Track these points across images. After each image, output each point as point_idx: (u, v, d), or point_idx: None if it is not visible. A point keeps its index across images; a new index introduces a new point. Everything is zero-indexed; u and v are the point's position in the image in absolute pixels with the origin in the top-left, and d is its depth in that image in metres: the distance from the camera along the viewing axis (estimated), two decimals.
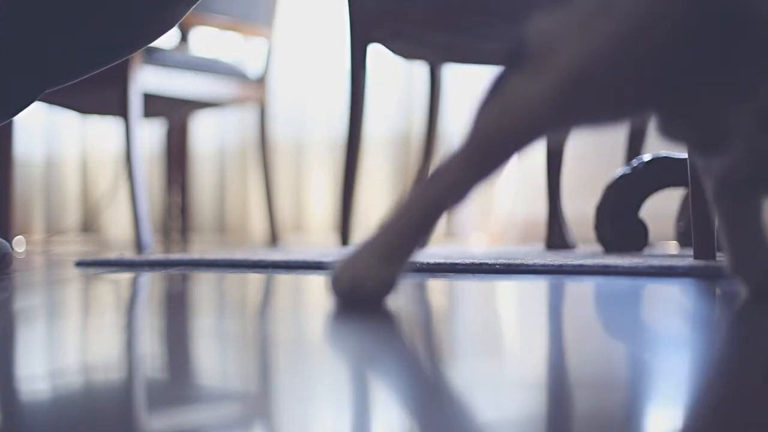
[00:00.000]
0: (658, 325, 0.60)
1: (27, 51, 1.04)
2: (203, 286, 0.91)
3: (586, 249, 1.61)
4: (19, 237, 2.97)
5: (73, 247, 2.60)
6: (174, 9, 1.07)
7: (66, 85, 1.11)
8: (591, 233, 1.50)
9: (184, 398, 0.37)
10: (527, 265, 0.98)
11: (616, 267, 0.94)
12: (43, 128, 3.49)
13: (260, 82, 2.59)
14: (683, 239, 1.61)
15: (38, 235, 3.45)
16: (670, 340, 0.52)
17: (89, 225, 3.42)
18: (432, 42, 1.96)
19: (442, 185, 0.66)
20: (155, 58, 2.24)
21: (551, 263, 0.97)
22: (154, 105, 2.45)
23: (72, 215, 3.47)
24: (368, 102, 1.97)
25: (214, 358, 0.48)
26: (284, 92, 3.04)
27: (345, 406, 0.35)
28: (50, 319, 0.65)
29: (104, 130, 3.36)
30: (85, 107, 2.56)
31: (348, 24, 1.94)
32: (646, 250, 1.44)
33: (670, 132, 0.66)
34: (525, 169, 2.64)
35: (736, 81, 0.62)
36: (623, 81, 0.62)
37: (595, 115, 0.64)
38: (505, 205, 2.71)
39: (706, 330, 0.56)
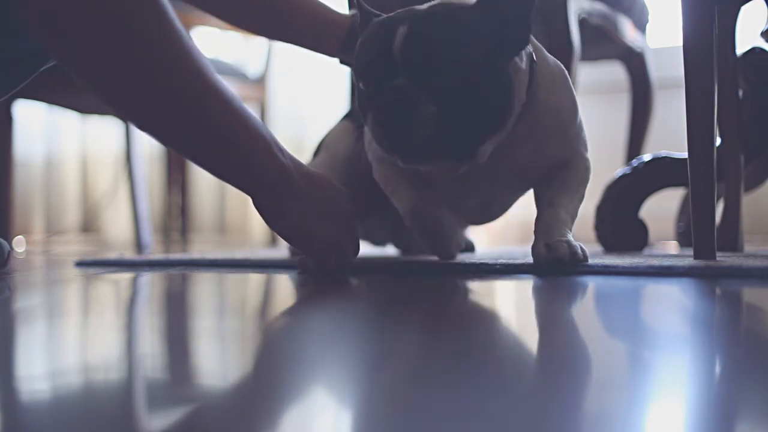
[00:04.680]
0: (657, 324, 0.60)
1: None
2: (203, 286, 0.91)
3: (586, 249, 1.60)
4: (19, 237, 2.96)
5: (73, 247, 2.60)
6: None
7: None
8: (591, 233, 1.50)
9: (184, 398, 0.37)
10: (527, 265, 0.98)
11: (616, 267, 0.94)
12: (43, 128, 3.48)
13: (260, 82, 2.59)
14: (683, 239, 1.61)
15: (38, 235, 3.45)
16: (670, 340, 0.52)
17: (89, 225, 3.42)
18: None
19: None
20: None
21: None
22: None
23: (72, 215, 3.47)
24: None
25: (214, 358, 0.48)
26: (284, 92, 3.04)
27: (344, 406, 0.35)
28: (50, 319, 0.65)
29: (104, 130, 3.36)
30: (85, 107, 2.55)
31: None
32: (646, 250, 1.43)
33: None
34: None
35: None
36: None
37: None
38: None
39: (706, 330, 0.56)
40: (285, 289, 0.88)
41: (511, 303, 0.76)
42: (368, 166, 1.06)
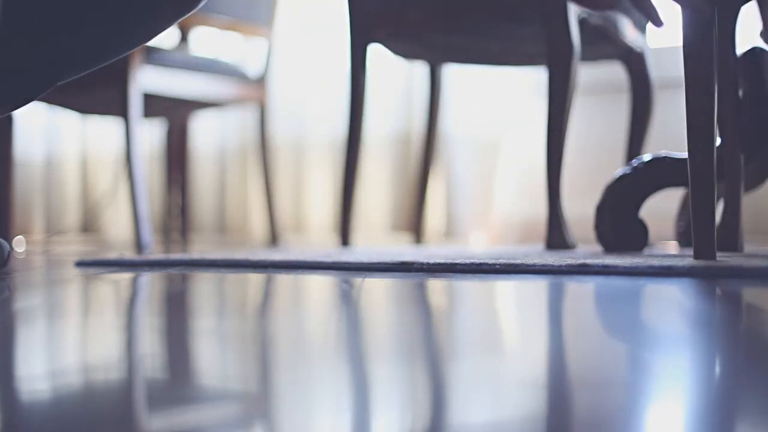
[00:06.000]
0: (657, 325, 0.60)
1: (31, 51, 1.03)
2: (203, 286, 0.91)
3: (586, 249, 1.60)
4: (19, 237, 2.96)
5: (73, 247, 2.60)
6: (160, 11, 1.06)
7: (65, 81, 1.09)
8: (591, 233, 1.50)
9: (184, 398, 0.37)
10: (527, 265, 0.98)
11: (616, 267, 0.94)
12: (43, 128, 3.48)
13: (260, 82, 2.59)
14: (683, 239, 1.61)
15: (38, 235, 3.45)
16: (670, 340, 0.52)
17: (89, 225, 3.42)
18: (432, 42, 1.96)
19: None
20: (155, 58, 2.23)
21: (551, 263, 0.97)
22: (154, 105, 2.46)
23: (72, 215, 3.47)
24: (368, 102, 1.97)
25: (214, 358, 0.48)
26: (284, 92, 3.04)
27: (345, 406, 0.35)
28: (50, 319, 0.65)
29: (104, 130, 3.36)
30: (85, 107, 2.56)
31: (348, 24, 1.94)
32: (646, 250, 1.43)
33: None
34: (525, 168, 2.64)
35: None
36: None
37: None
38: (505, 204, 2.71)
39: (706, 330, 0.56)
40: (285, 289, 0.88)
41: (511, 303, 0.76)
42: None
